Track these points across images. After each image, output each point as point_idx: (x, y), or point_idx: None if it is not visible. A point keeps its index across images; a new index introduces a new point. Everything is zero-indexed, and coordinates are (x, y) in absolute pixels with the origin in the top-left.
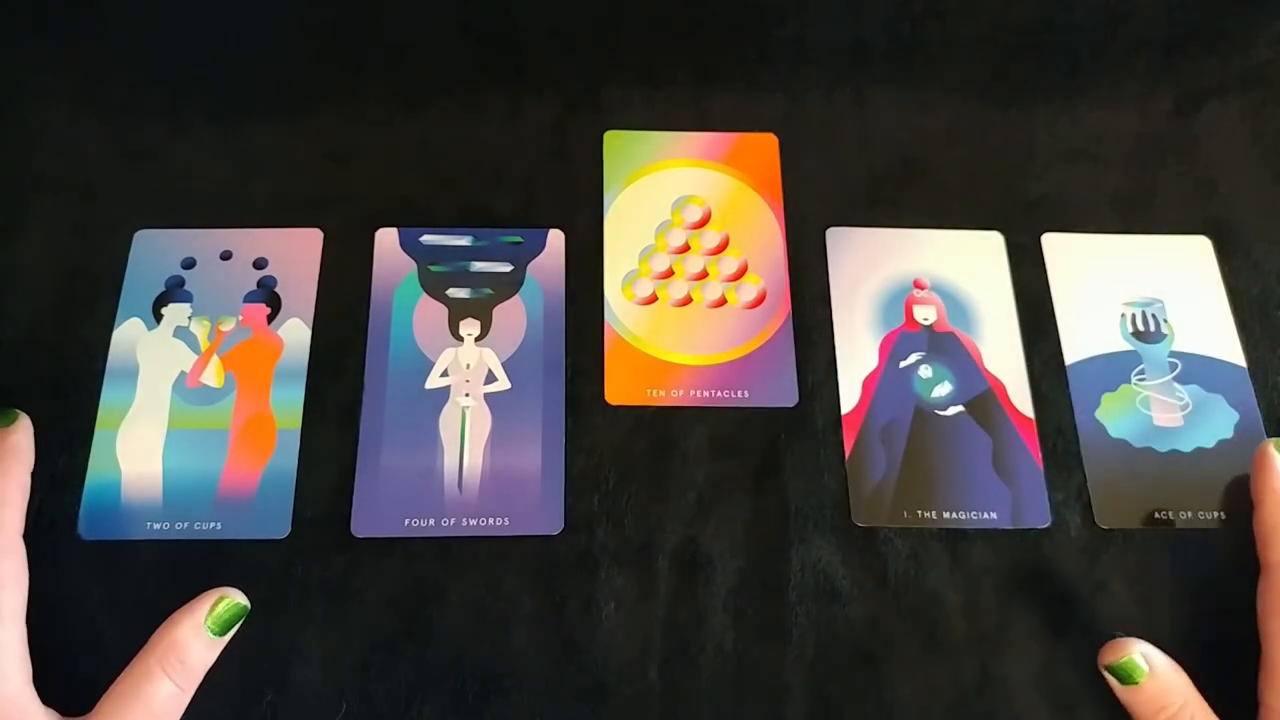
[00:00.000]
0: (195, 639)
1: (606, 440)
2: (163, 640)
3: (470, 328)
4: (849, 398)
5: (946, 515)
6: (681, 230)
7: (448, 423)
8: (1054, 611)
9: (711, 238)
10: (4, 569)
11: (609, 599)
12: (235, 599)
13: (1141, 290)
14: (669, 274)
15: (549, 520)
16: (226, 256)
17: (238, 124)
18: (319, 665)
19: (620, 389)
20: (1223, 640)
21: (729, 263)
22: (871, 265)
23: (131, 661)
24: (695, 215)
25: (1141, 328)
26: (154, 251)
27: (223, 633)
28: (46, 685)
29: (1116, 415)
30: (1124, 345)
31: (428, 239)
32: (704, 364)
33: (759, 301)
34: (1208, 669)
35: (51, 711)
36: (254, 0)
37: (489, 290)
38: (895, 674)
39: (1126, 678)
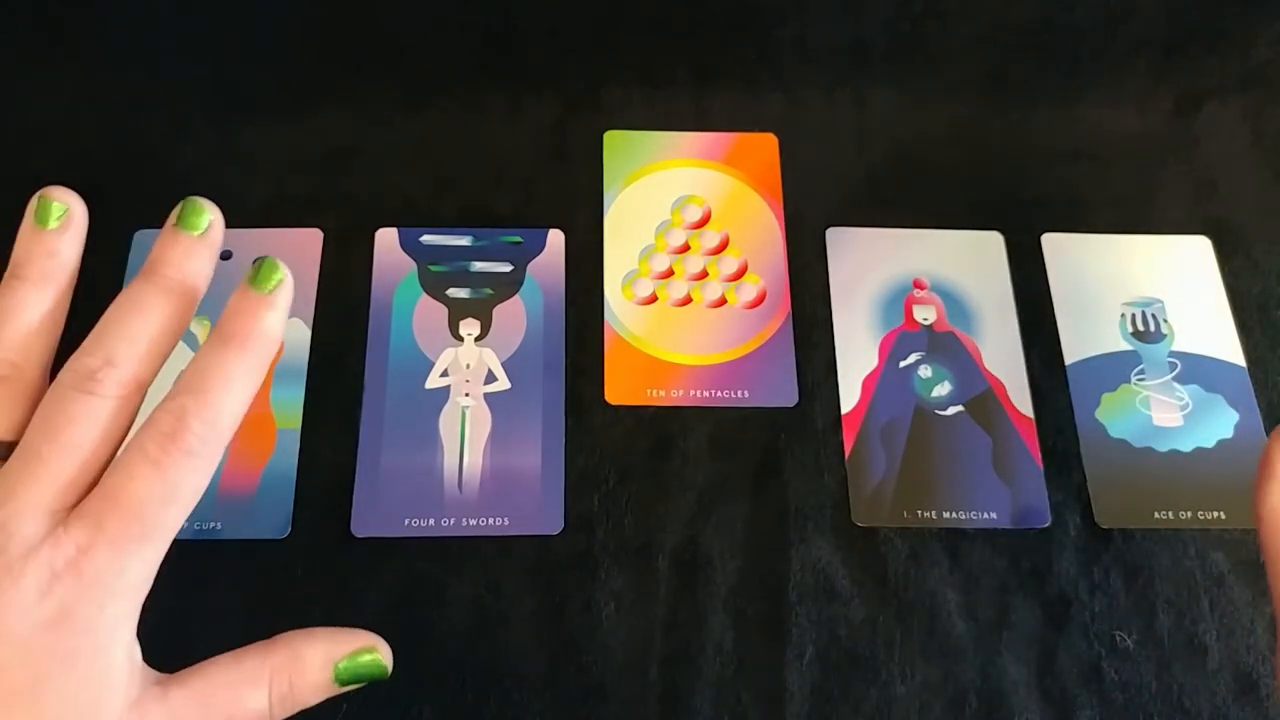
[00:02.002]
0: (317, 671)
1: (606, 440)
2: (287, 650)
3: (470, 328)
4: (849, 398)
5: (946, 515)
6: (681, 230)
7: (448, 423)
8: (1054, 611)
9: (711, 238)
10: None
11: (609, 599)
12: (382, 659)
13: (1141, 290)
14: (669, 274)
15: (549, 520)
16: (226, 256)
17: (238, 124)
18: None
19: (620, 389)
20: (1223, 641)
21: (729, 263)
22: (871, 265)
23: (250, 648)
24: (695, 215)
25: (1141, 328)
26: None
27: (347, 683)
28: None
29: (1116, 415)
30: (1124, 345)
31: (428, 239)
32: (704, 364)
33: (759, 301)
34: (1207, 670)
35: (146, 670)
36: (254, 0)
37: (489, 290)
38: (895, 674)
39: None
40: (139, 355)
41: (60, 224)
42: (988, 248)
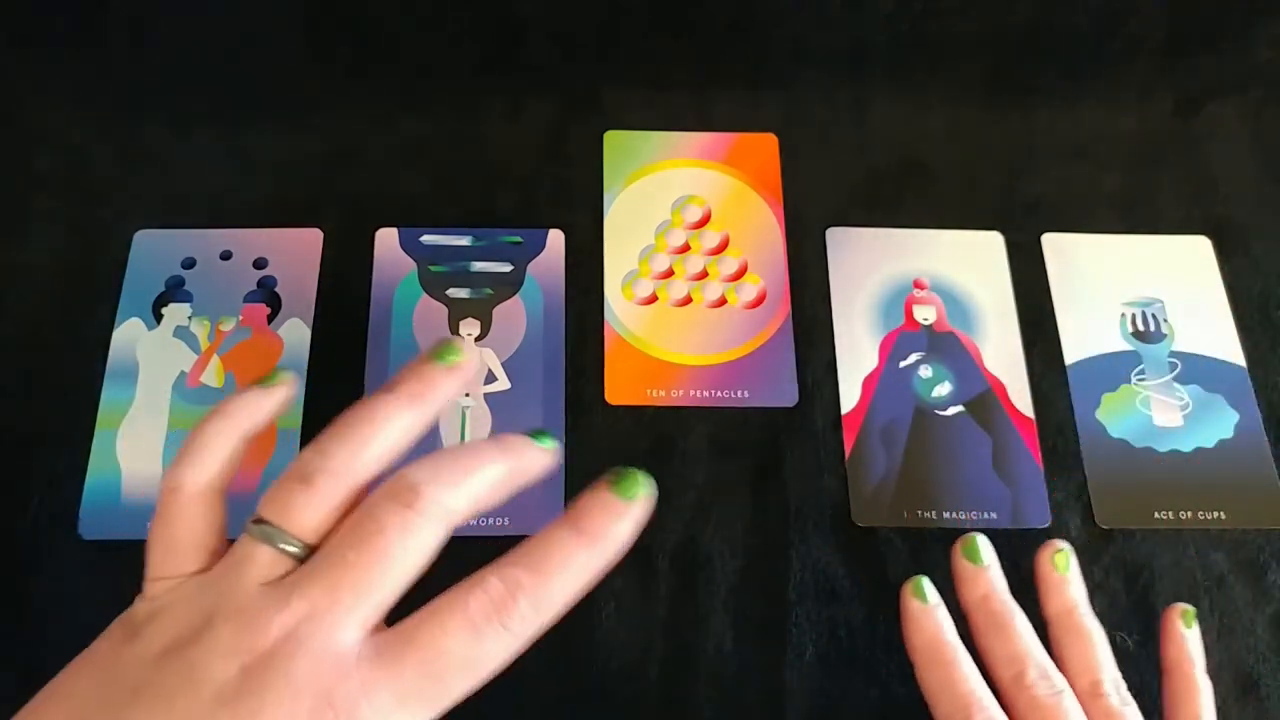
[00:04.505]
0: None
1: (606, 440)
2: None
3: (470, 328)
4: (849, 398)
5: (946, 515)
6: (681, 230)
7: (448, 423)
8: None
9: (711, 238)
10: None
11: (609, 599)
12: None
13: (1141, 290)
14: (669, 274)
15: (549, 520)
16: (226, 256)
17: (238, 124)
18: None
19: (620, 389)
20: (1223, 641)
21: (729, 263)
22: (871, 265)
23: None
24: (695, 215)
25: (1141, 328)
26: (154, 251)
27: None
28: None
29: (1116, 415)
30: (1124, 345)
31: (428, 239)
32: (704, 364)
33: (759, 301)
34: (1207, 670)
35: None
36: (253, 1)
37: (489, 290)
38: (895, 674)
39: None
40: (458, 485)
41: (453, 366)
42: (988, 248)
